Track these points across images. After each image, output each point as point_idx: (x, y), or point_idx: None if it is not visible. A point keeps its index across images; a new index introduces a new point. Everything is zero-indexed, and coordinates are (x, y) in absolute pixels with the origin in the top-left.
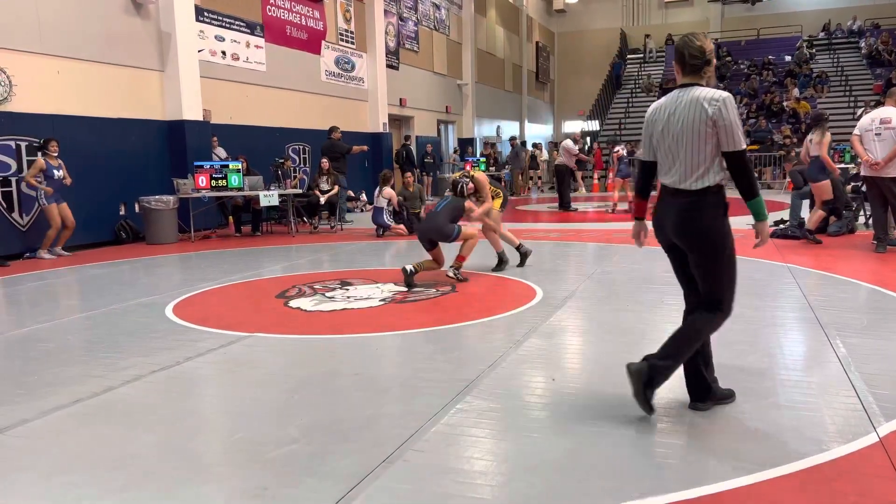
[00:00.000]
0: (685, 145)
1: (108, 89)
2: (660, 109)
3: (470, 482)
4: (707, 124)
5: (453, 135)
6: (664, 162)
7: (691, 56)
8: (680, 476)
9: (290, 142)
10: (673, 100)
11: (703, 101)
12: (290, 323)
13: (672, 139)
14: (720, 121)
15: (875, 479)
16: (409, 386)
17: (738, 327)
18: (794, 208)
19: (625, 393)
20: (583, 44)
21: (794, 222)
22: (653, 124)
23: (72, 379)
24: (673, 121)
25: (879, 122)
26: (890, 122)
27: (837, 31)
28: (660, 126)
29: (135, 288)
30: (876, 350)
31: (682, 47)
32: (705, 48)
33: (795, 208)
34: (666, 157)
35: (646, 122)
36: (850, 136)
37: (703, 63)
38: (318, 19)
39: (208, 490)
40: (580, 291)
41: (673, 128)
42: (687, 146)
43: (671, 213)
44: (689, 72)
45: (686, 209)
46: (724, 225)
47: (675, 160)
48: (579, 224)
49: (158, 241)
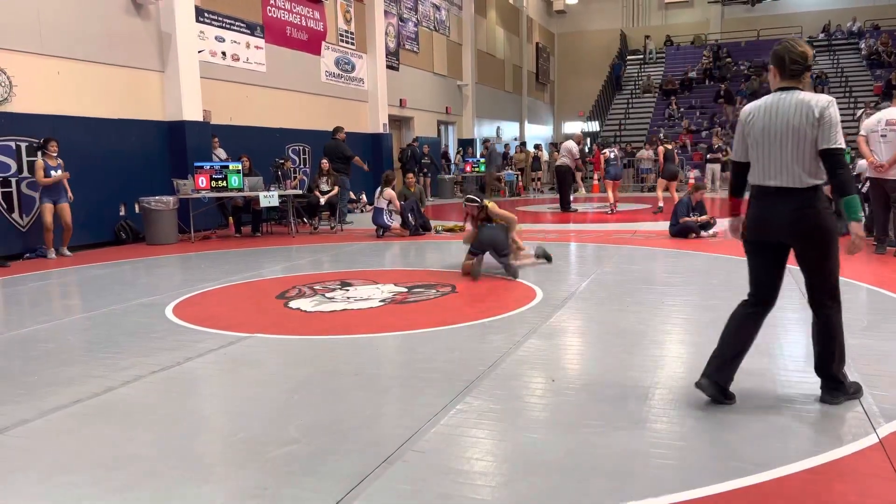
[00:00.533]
0: (792, 145)
1: (108, 90)
2: (759, 110)
3: (470, 483)
4: (814, 125)
5: (453, 135)
6: (765, 162)
7: (792, 61)
8: (679, 476)
9: (290, 142)
10: (774, 101)
11: (811, 103)
12: (290, 323)
13: (775, 139)
14: (826, 120)
15: (875, 479)
16: (410, 386)
17: None
18: None
19: (624, 393)
20: (583, 45)
21: None
22: (750, 125)
23: (72, 379)
24: (777, 122)
25: (885, 124)
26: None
27: (837, 33)
28: (759, 125)
29: (135, 288)
30: (875, 351)
31: (783, 52)
32: (807, 54)
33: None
34: (767, 156)
35: (741, 123)
36: (857, 137)
37: (803, 69)
38: (318, 20)
39: (208, 490)
40: (580, 292)
41: (778, 128)
42: (795, 146)
43: (782, 211)
44: (789, 76)
45: (800, 207)
46: (833, 219)
47: (780, 160)
48: (579, 225)
49: (158, 241)
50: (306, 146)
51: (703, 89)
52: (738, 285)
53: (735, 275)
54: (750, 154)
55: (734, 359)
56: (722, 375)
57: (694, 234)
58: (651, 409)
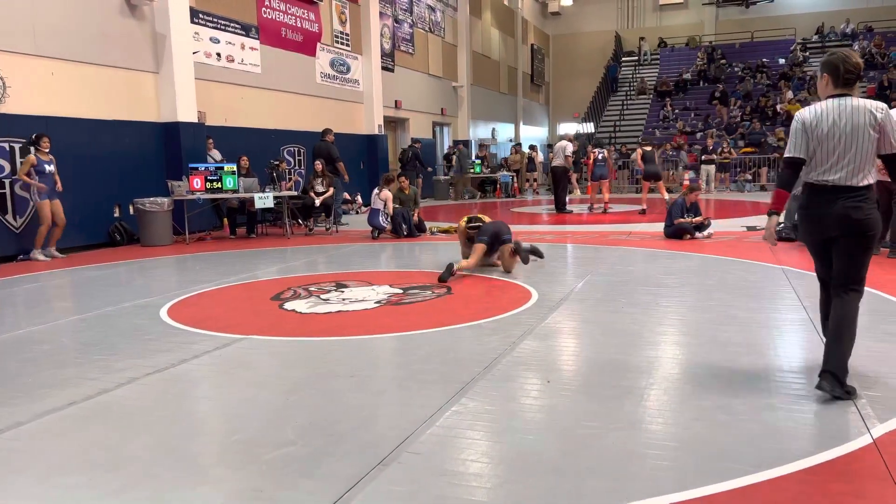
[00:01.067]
0: (855, 146)
1: (102, 91)
2: (823, 113)
3: (465, 484)
4: (875, 129)
5: (449, 137)
6: (828, 160)
7: (847, 71)
8: (675, 477)
9: (285, 144)
10: (835, 106)
11: (871, 109)
12: (285, 325)
13: (839, 141)
14: (886, 126)
15: (869, 479)
16: (405, 388)
17: (733, 329)
18: (790, 211)
19: (619, 394)
20: (578, 46)
21: (789, 224)
22: (815, 127)
23: (67, 381)
24: (841, 124)
25: None
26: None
27: (831, 34)
28: (825, 128)
29: (130, 290)
30: (869, 352)
31: (838, 62)
32: (861, 65)
33: (790, 211)
34: (831, 156)
35: (803, 124)
36: None
37: (856, 78)
38: (313, 21)
39: (205, 492)
40: (575, 293)
41: (843, 130)
42: (857, 147)
43: (835, 206)
44: (843, 84)
45: (854, 204)
46: (879, 216)
47: (841, 159)
48: (574, 226)
49: (153, 243)
50: (301, 147)
51: (697, 91)
52: (733, 286)
53: (729, 275)
54: (811, 153)
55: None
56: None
57: (689, 235)
58: (646, 410)
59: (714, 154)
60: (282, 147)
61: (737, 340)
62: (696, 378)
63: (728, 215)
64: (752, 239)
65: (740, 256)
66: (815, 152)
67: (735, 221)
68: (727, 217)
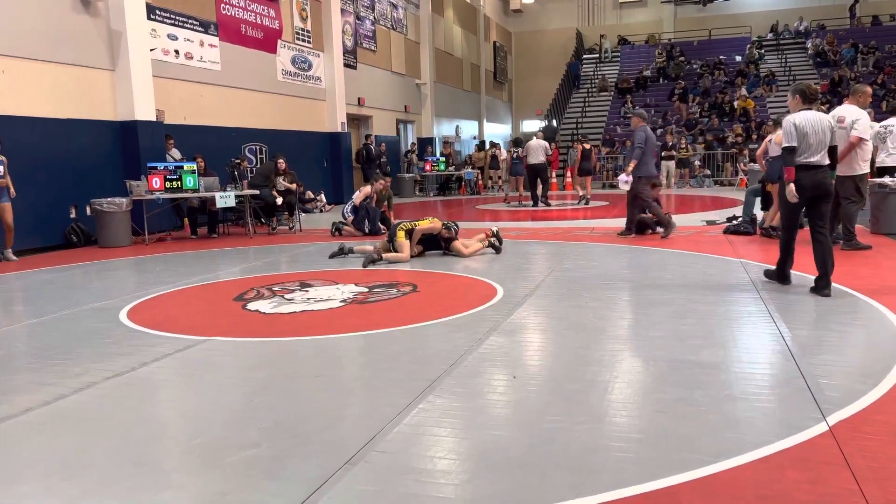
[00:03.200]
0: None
1: (56, 89)
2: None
3: (433, 481)
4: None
5: (412, 134)
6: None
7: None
8: (638, 469)
9: (247, 142)
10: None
11: (828, 118)
12: (248, 326)
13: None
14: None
15: (826, 466)
16: (372, 387)
17: (693, 321)
18: (748, 205)
19: (584, 388)
20: (540, 43)
21: (747, 218)
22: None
23: (21, 387)
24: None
25: (836, 122)
26: (843, 122)
27: (785, 32)
28: (810, 128)
29: (87, 292)
30: (825, 341)
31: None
32: (818, 91)
33: (748, 205)
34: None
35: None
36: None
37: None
38: (273, 18)
39: (167, 497)
40: (540, 289)
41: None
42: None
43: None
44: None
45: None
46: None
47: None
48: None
49: (111, 244)
50: (263, 146)
51: (657, 88)
52: (692, 279)
53: (689, 269)
54: (801, 144)
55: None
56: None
57: (650, 230)
58: (611, 403)
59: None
60: (243, 145)
61: (697, 333)
62: (658, 371)
63: (688, 210)
64: (711, 233)
65: (700, 251)
66: (805, 143)
67: (695, 217)
68: (687, 212)
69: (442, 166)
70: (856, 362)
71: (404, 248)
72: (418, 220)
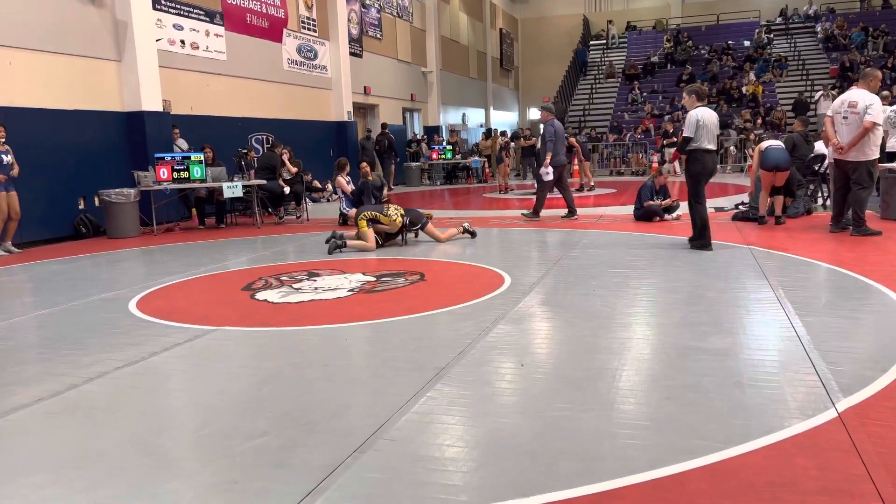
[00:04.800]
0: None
1: (63, 80)
2: (705, 113)
3: (441, 469)
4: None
5: (419, 123)
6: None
7: (703, 95)
8: (647, 456)
9: (253, 132)
10: (706, 111)
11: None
12: (257, 315)
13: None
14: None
15: (834, 453)
16: (379, 375)
17: (701, 308)
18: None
19: (592, 376)
20: (546, 30)
21: (755, 204)
22: (704, 120)
23: (33, 378)
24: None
25: (847, 106)
26: (856, 107)
27: (794, 16)
28: (705, 121)
29: (97, 283)
30: (834, 328)
31: (699, 89)
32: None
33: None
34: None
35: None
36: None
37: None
38: (278, 7)
39: (177, 486)
40: (547, 278)
41: (711, 122)
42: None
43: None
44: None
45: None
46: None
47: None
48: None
49: (120, 235)
50: (269, 135)
51: (665, 73)
52: (701, 266)
53: (697, 256)
54: (699, 134)
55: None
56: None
57: (658, 217)
58: (618, 390)
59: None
60: (250, 135)
61: (705, 320)
62: (666, 358)
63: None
64: (720, 220)
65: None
66: (702, 133)
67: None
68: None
69: (448, 154)
70: (865, 348)
71: (368, 237)
72: (383, 213)
